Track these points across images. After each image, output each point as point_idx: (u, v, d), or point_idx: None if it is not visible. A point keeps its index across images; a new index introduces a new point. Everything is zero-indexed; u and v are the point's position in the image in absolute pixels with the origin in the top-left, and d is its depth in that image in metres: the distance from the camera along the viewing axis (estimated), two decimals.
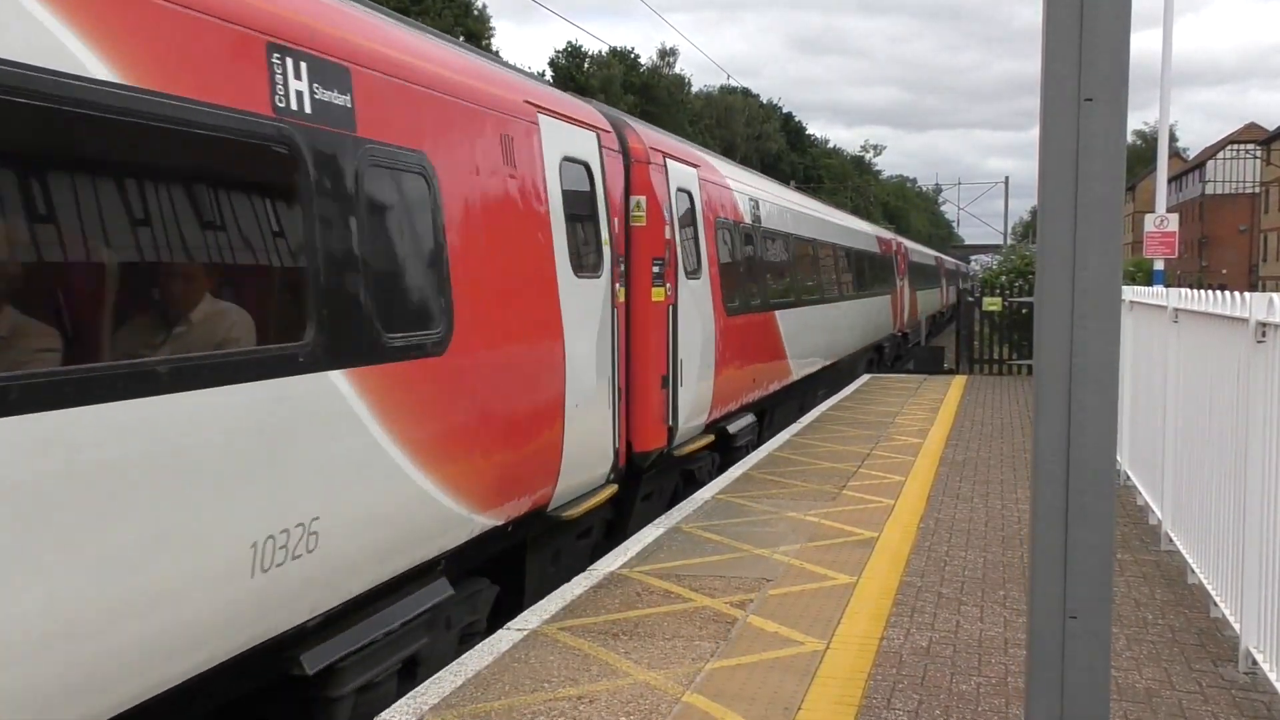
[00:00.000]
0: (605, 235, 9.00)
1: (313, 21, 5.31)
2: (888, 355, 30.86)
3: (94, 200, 4.06)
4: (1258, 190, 78.48)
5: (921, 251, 48.21)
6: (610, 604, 6.97)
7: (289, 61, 4.99)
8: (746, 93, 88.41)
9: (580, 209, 8.56)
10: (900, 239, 38.26)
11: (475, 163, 6.81)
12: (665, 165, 10.62)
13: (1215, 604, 6.58)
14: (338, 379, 5.23)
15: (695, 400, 11.14)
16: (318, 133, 5.17)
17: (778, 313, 15.42)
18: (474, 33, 56.58)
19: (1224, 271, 78.73)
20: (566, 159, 8.32)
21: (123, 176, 4.22)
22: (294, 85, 5.01)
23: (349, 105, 5.46)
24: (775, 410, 16.21)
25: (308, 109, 5.11)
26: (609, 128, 9.62)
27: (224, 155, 4.64)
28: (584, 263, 8.47)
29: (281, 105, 4.91)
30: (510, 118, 7.37)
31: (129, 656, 4.10)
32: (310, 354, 5.03)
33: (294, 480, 4.91)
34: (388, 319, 5.68)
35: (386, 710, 5.32)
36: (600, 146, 9.12)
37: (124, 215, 4.21)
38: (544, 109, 8.02)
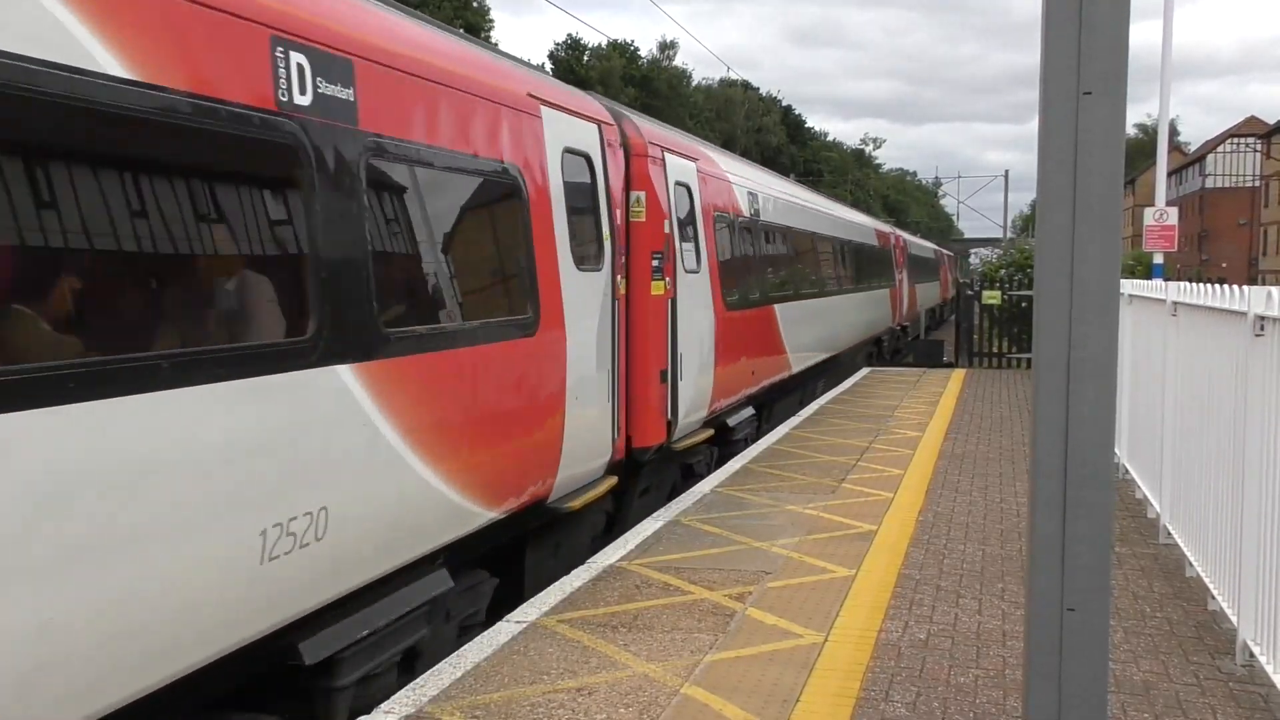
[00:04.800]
0: (606, 228, 9.00)
1: (316, 16, 5.30)
2: (886, 348, 30.78)
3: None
4: (1258, 184, 78.42)
5: (920, 244, 47.35)
6: (609, 596, 6.98)
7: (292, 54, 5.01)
8: (747, 85, 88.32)
9: (581, 202, 8.54)
10: (899, 231, 37.71)
11: (477, 154, 6.83)
12: (664, 159, 10.59)
13: (1213, 597, 6.59)
14: (344, 373, 5.27)
15: (695, 394, 11.14)
16: (321, 126, 5.19)
17: (777, 306, 15.38)
18: (473, 25, 56.50)
19: (1224, 265, 78.67)
20: (568, 150, 8.29)
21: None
22: (297, 79, 5.02)
23: (351, 99, 5.46)
24: (775, 404, 16.26)
25: (310, 102, 5.12)
26: (610, 120, 9.54)
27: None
28: (585, 256, 8.48)
29: (285, 100, 4.92)
30: (512, 109, 7.38)
31: (135, 648, 4.13)
32: (314, 349, 5.06)
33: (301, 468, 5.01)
34: (388, 312, 5.72)
35: (386, 702, 5.33)
36: (601, 139, 9.07)
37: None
38: (546, 101, 8.00)
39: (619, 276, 9.27)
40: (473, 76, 6.88)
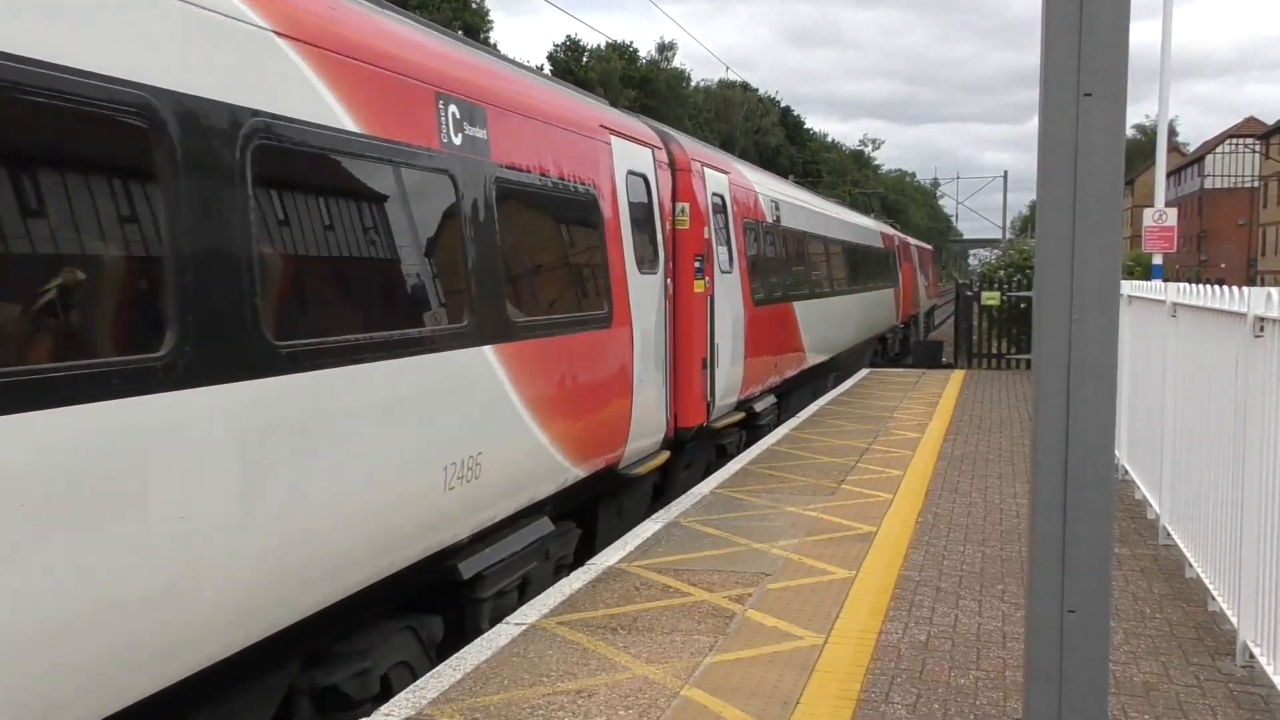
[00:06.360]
0: (659, 237, 10.53)
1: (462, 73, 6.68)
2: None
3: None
4: (1256, 184, 78.45)
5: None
6: (609, 598, 6.97)
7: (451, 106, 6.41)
8: (746, 86, 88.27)
9: (640, 215, 10.04)
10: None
11: (570, 179, 8.45)
12: (703, 173, 11.96)
13: (1213, 598, 6.59)
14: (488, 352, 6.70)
15: (728, 381, 12.56)
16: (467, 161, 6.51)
17: (795, 304, 16.83)
18: (472, 26, 56.44)
19: (1222, 265, 78.68)
20: (631, 173, 9.77)
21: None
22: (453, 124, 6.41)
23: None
24: (791, 395, 17.63)
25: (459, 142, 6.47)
26: (660, 143, 11.06)
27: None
28: (643, 261, 9.92)
29: (445, 140, 6.34)
30: (592, 139, 8.95)
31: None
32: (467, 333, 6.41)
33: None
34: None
35: (386, 704, 5.34)
36: (654, 160, 10.63)
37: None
38: (615, 131, 9.55)
39: (669, 279, 10.73)
40: (565, 115, 8.40)
